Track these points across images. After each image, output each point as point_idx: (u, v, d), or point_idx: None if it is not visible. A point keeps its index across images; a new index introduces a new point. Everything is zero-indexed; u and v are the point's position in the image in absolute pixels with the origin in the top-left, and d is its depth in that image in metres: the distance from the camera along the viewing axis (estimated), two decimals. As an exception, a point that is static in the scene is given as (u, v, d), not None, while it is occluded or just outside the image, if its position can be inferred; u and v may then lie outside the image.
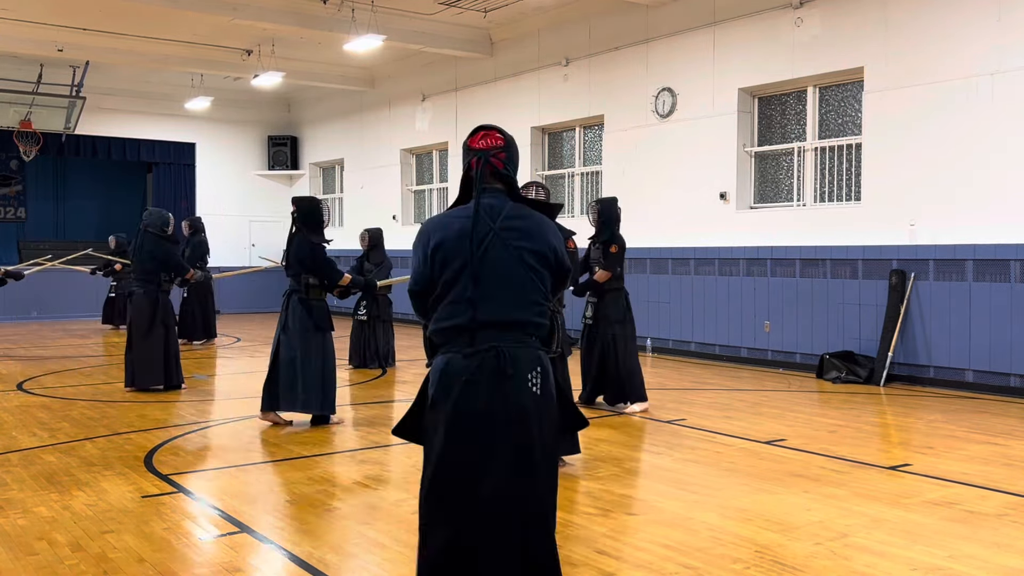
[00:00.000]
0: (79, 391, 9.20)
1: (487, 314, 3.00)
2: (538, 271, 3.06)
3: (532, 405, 3.01)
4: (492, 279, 3.01)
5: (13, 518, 4.79)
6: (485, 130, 3.16)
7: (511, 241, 3.03)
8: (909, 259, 9.65)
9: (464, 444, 2.98)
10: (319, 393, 7.25)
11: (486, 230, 3.02)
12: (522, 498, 2.98)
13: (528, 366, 3.02)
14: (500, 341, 3.00)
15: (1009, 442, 6.72)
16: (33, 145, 17.32)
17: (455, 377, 2.99)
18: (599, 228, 8.12)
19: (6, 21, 13.87)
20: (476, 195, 3.06)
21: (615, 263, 7.96)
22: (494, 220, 3.04)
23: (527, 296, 3.04)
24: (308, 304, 7.29)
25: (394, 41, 13.96)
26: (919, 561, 4.10)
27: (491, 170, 3.12)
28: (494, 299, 3.01)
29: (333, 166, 20.59)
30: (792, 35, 10.77)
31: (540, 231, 3.09)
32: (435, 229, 3.09)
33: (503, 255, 3.02)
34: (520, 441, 2.98)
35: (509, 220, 3.05)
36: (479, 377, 2.97)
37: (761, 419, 7.65)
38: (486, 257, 3.01)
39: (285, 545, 4.37)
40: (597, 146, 13.79)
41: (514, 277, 3.03)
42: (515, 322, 3.03)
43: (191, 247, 13.74)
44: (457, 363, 3.00)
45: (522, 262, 3.03)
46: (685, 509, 4.95)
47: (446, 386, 3.01)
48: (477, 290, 3.00)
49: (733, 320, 11.48)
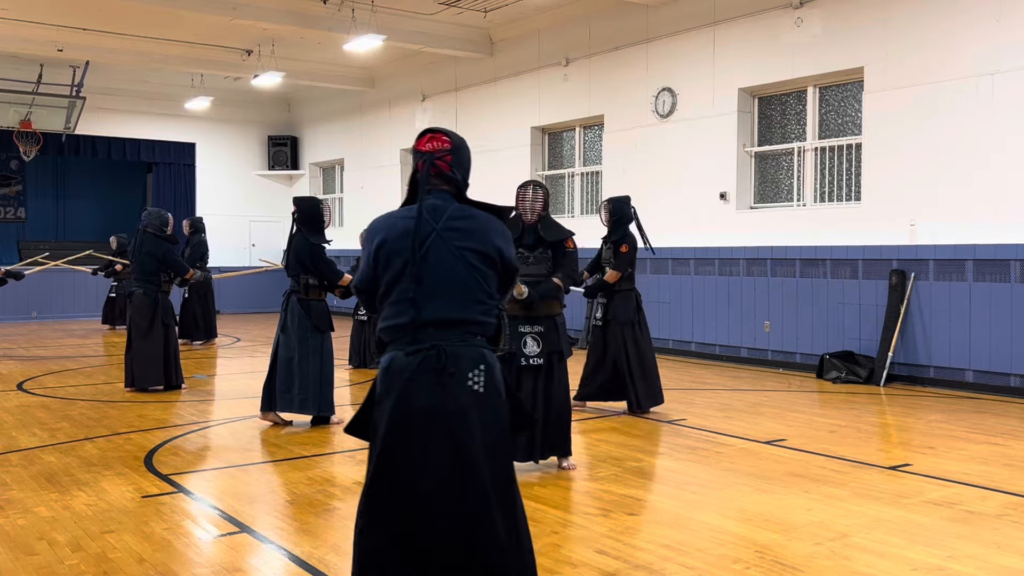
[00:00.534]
0: (79, 391, 9.20)
1: (429, 313, 3.04)
2: (482, 271, 3.10)
3: (472, 403, 3.02)
4: (433, 279, 3.05)
5: (13, 518, 4.79)
6: (432, 133, 3.21)
7: (453, 241, 3.07)
8: (909, 259, 9.65)
9: (403, 442, 3.00)
10: (316, 393, 7.24)
11: (428, 230, 3.07)
12: (459, 497, 2.96)
13: (470, 364, 3.04)
14: (442, 339, 3.03)
15: (1009, 442, 6.72)
16: (33, 145, 17.31)
17: (397, 375, 3.03)
18: (611, 227, 7.99)
19: (6, 21, 13.87)
20: (420, 196, 3.11)
21: (626, 263, 7.82)
22: (437, 221, 3.09)
23: (470, 295, 3.08)
24: (307, 304, 7.29)
25: (394, 41, 13.97)
26: (919, 561, 4.10)
27: (436, 172, 3.16)
28: (436, 298, 3.05)
29: (333, 166, 20.59)
30: (792, 35, 10.77)
31: (484, 231, 3.12)
32: (379, 229, 3.14)
33: (445, 255, 3.06)
34: (458, 440, 2.98)
35: (452, 221, 3.09)
36: (420, 375, 3.00)
37: (761, 419, 7.65)
38: (428, 257, 3.05)
39: (285, 545, 4.37)
40: (597, 146, 13.79)
41: (456, 277, 3.07)
42: (458, 321, 3.06)
43: (191, 247, 13.75)
44: (400, 361, 3.03)
45: (465, 262, 3.07)
46: (685, 509, 4.95)
47: (389, 384, 3.05)
48: (419, 290, 3.04)
49: (733, 320, 11.48)
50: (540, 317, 5.79)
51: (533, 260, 5.86)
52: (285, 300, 7.42)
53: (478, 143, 15.52)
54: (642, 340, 7.90)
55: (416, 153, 3.20)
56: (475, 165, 13.18)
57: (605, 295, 7.94)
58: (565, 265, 5.87)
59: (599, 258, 8.14)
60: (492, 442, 3.06)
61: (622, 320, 7.82)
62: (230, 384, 10.17)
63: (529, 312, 5.76)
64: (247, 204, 20.92)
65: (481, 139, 15.50)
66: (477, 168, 15.36)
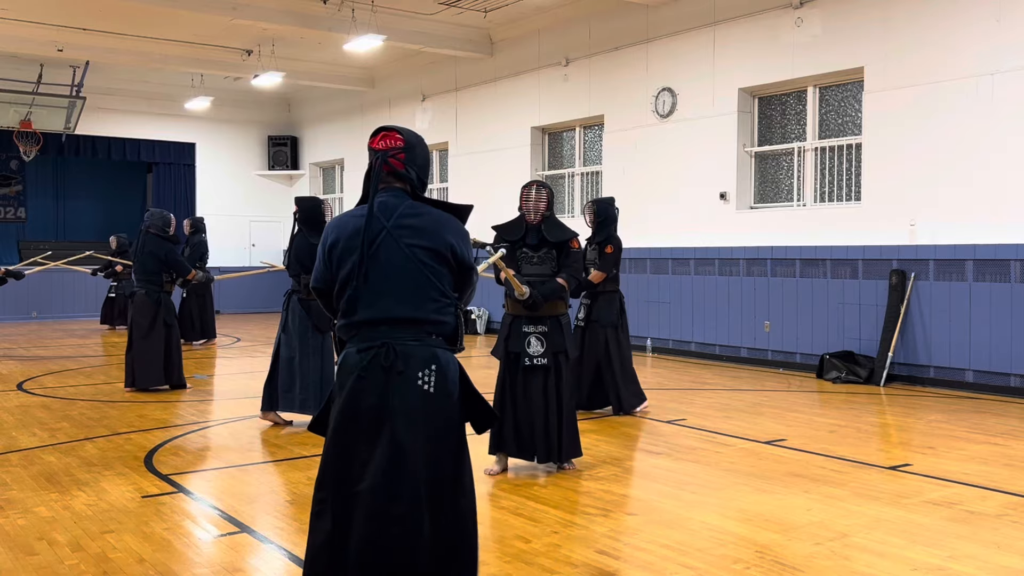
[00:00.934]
0: (79, 391, 9.20)
1: (378, 311, 3.05)
2: (434, 268, 3.08)
3: (420, 403, 3.01)
4: (383, 277, 3.05)
5: (13, 518, 4.79)
6: (385, 131, 3.19)
7: (404, 239, 3.06)
8: (909, 259, 9.65)
9: (349, 438, 3.02)
10: (317, 393, 7.24)
11: (379, 229, 3.06)
12: (396, 496, 2.96)
13: (421, 364, 3.03)
14: (392, 338, 3.03)
15: (1009, 442, 6.72)
16: (33, 145, 17.32)
17: (348, 372, 3.05)
18: (595, 228, 7.97)
19: (6, 21, 13.87)
20: (371, 195, 3.10)
21: (610, 264, 7.78)
22: (388, 219, 3.07)
23: (422, 293, 3.06)
24: (308, 304, 7.29)
25: (394, 41, 13.97)
26: (919, 561, 4.10)
27: (389, 170, 3.15)
28: (386, 296, 3.04)
29: (333, 166, 20.59)
30: (792, 35, 10.77)
31: (435, 229, 3.10)
32: (332, 229, 3.14)
33: (395, 253, 3.05)
34: (399, 439, 2.98)
35: (403, 218, 3.08)
36: (369, 372, 3.01)
37: (761, 419, 7.65)
38: (378, 255, 3.05)
39: (285, 545, 4.37)
40: (597, 146, 13.79)
41: (407, 275, 3.05)
42: (410, 319, 3.06)
43: (191, 247, 13.76)
44: (351, 358, 3.06)
45: (416, 260, 3.05)
46: (685, 509, 4.95)
47: (341, 381, 3.08)
48: (368, 288, 3.04)
49: (733, 320, 11.48)
50: (544, 317, 5.74)
51: (537, 260, 5.82)
52: (286, 300, 7.42)
53: (478, 143, 15.55)
54: (623, 342, 7.85)
55: (370, 151, 3.20)
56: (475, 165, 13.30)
57: (588, 296, 7.90)
58: (569, 265, 5.84)
59: (583, 259, 8.12)
60: (436, 443, 3.04)
61: (605, 322, 7.77)
62: (230, 384, 10.17)
63: (533, 312, 5.73)
64: (247, 204, 20.92)
65: (481, 139, 15.51)
66: (477, 168, 15.44)
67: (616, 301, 7.89)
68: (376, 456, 2.98)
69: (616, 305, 7.87)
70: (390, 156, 3.15)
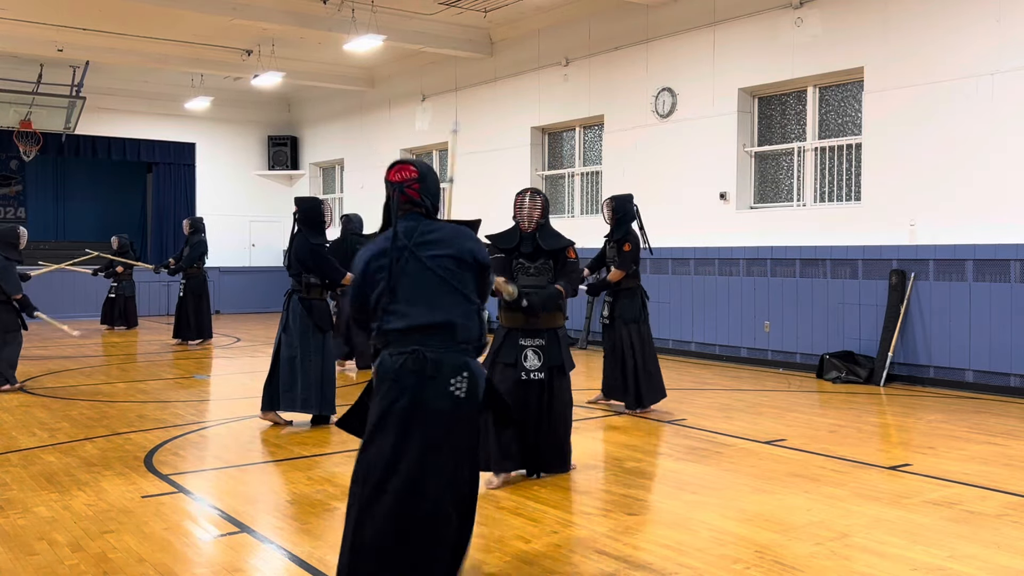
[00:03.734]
0: (79, 391, 9.20)
1: (410, 320, 3.35)
2: (458, 274, 3.43)
3: (451, 408, 3.31)
4: (412, 289, 3.38)
5: (13, 518, 4.79)
6: (400, 164, 3.56)
7: (428, 252, 3.42)
8: (909, 259, 9.65)
9: (383, 440, 3.28)
10: (318, 393, 7.25)
11: (403, 247, 3.41)
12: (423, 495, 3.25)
13: (453, 370, 3.33)
14: (423, 344, 3.32)
15: (1009, 442, 6.72)
16: (33, 145, 17.31)
17: (383, 376, 3.35)
18: (614, 225, 7.96)
19: (6, 21, 13.87)
20: (394, 221, 3.46)
21: (629, 261, 7.79)
22: (410, 239, 3.44)
23: (449, 299, 3.40)
24: (309, 304, 7.30)
25: (394, 41, 13.97)
26: (919, 561, 4.10)
27: (405, 199, 3.51)
28: (415, 306, 3.36)
29: (333, 166, 20.59)
30: (792, 35, 10.77)
31: (453, 238, 3.48)
32: (364, 256, 3.49)
33: (419, 267, 3.39)
34: (432, 442, 3.27)
35: (424, 236, 3.45)
36: (401, 377, 3.30)
37: (761, 419, 7.65)
38: (405, 271, 3.39)
39: (285, 545, 4.37)
40: (597, 146, 13.79)
41: (433, 285, 3.39)
42: (438, 324, 3.36)
43: (190, 247, 13.77)
44: (385, 363, 3.35)
45: (441, 269, 3.40)
46: (685, 509, 4.95)
47: (377, 385, 3.37)
48: (397, 301, 3.37)
49: (733, 320, 11.47)
50: (541, 330, 5.54)
51: (534, 271, 5.64)
52: (287, 300, 7.43)
53: (478, 143, 15.54)
54: (646, 337, 7.90)
55: (387, 184, 3.54)
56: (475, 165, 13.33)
57: (610, 293, 7.93)
58: (567, 274, 5.66)
59: (602, 256, 8.12)
60: (461, 446, 3.36)
61: (627, 318, 7.82)
62: (230, 384, 10.17)
63: (530, 324, 5.51)
64: (247, 204, 20.92)
65: (481, 139, 15.51)
66: (477, 168, 15.43)
67: (638, 297, 7.91)
68: (407, 456, 3.25)
69: (638, 301, 7.90)
70: (406, 187, 3.51)
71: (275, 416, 7.36)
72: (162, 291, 18.55)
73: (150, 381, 9.94)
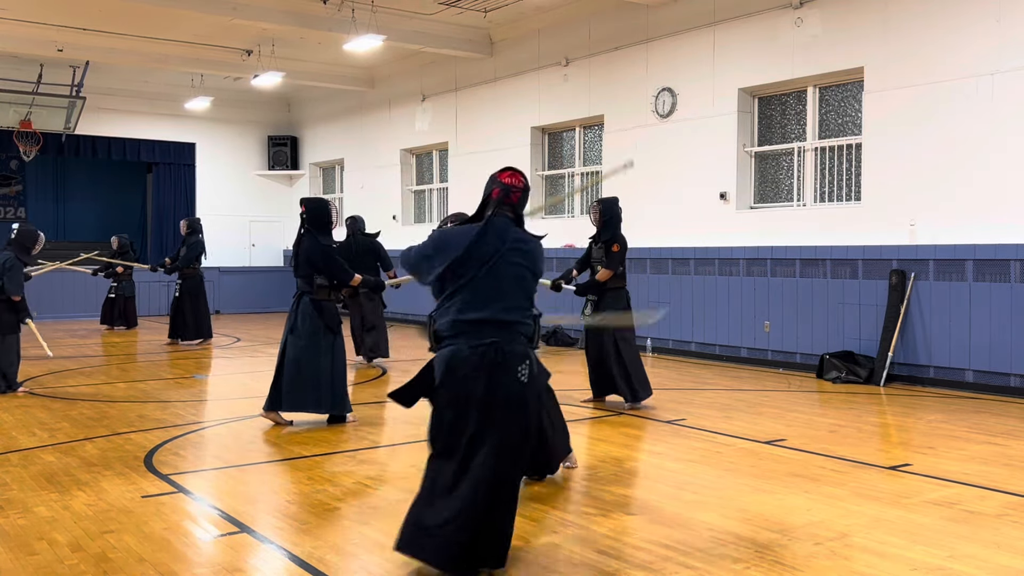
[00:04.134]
0: (79, 391, 9.20)
1: (488, 314, 3.80)
2: (529, 283, 3.97)
3: (520, 391, 3.85)
4: (494, 286, 3.83)
5: (13, 518, 4.79)
6: (513, 170, 4.08)
7: (514, 258, 3.90)
8: (909, 259, 9.65)
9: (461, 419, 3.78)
10: (330, 393, 7.25)
11: (496, 247, 3.87)
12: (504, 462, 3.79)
13: (519, 359, 3.85)
14: (498, 337, 3.80)
15: (1009, 442, 6.72)
16: (33, 145, 17.31)
17: (460, 365, 3.78)
18: (601, 227, 8.12)
19: (6, 21, 13.87)
20: (489, 216, 3.93)
21: (617, 262, 7.99)
22: (503, 241, 3.89)
23: (521, 303, 3.92)
24: (319, 305, 7.30)
25: (394, 41, 13.97)
26: (919, 561, 4.10)
27: (507, 201, 4.00)
28: (494, 303, 3.82)
29: (333, 166, 20.59)
30: (792, 35, 10.77)
31: (537, 256, 4.02)
32: (454, 239, 3.88)
33: (506, 269, 3.87)
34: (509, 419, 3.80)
35: (516, 243, 3.93)
36: (481, 367, 3.76)
37: (761, 419, 7.65)
38: (493, 269, 3.84)
39: (285, 545, 4.37)
40: (597, 146, 13.79)
41: (511, 287, 3.88)
42: (511, 322, 3.86)
43: (187, 247, 13.77)
44: (463, 352, 3.78)
45: (520, 277, 3.91)
46: (685, 509, 4.95)
47: (451, 372, 3.80)
48: (481, 295, 3.81)
49: (733, 320, 11.47)
50: None
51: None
52: (295, 301, 7.42)
53: (478, 143, 15.55)
54: (629, 337, 8.09)
55: (497, 182, 4.02)
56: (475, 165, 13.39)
57: (595, 292, 8.07)
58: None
59: (588, 256, 8.23)
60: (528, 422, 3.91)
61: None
62: (230, 384, 10.17)
63: None
64: (247, 204, 20.92)
65: (481, 139, 15.51)
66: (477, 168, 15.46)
67: (623, 297, 8.13)
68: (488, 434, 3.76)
69: (623, 301, 8.11)
70: (512, 191, 4.02)
71: (276, 416, 7.36)
72: (162, 291, 18.52)
73: (150, 381, 9.94)
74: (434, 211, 17.34)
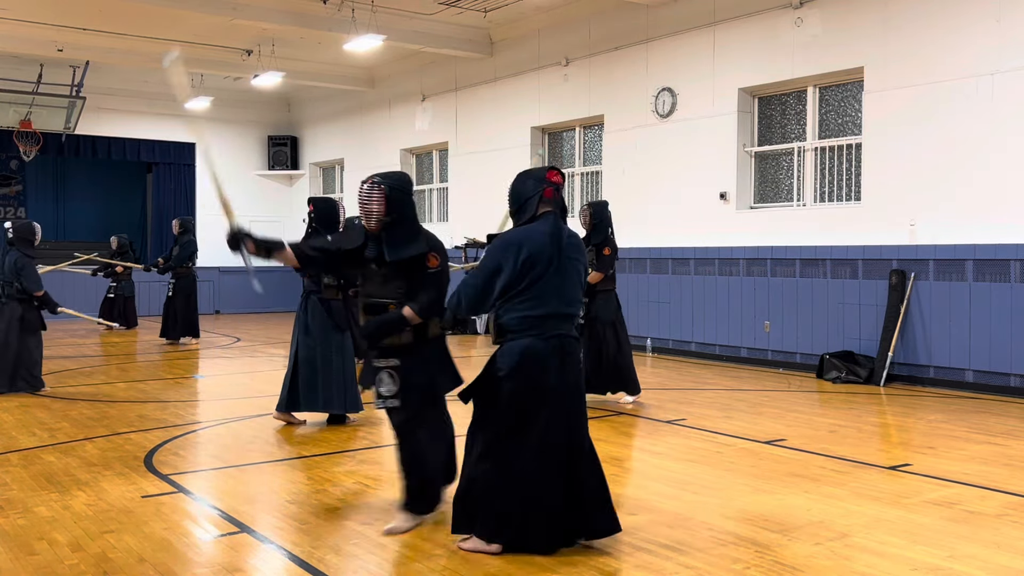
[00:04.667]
0: (79, 391, 9.20)
1: (551, 308, 4.12)
2: (583, 277, 4.33)
3: (580, 377, 4.27)
4: (560, 283, 4.14)
5: (13, 518, 4.79)
6: (556, 170, 4.36)
7: (571, 254, 4.22)
8: (909, 259, 9.65)
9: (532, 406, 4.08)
10: (341, 391, 7.25)
11: (559, 246, 4.16)
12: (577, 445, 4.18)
13: (578, 347, 4.29)
14: (562, 329, 4.16)
15: (1009, 442, 6.72)
16: (33, 145, 17.31)
17: (533, 357, 4.08)
18: (591, 231, 8.19)
19: (6, 21, 13.87)
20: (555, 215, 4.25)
21: (607, 265, 8.09)
22: (561, 240, 4.18)
23: (577, 295, 4.26)
24: (328, 304, 7.31)
25: (394, 41, 13.97)
26: (919, 561, 4.10)
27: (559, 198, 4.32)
28: (556, 298, 4.13)
29: (333, 166, 20.59)
30: (792, 35, 10.77)
31: (582, 248, 4.35)
32: (524, 240, 4.12)
33: (568, 266, 4.19)
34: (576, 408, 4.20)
35: (570, 240, 4.25)
36: (552, 358, 4.11)
37: (761, 419, 7.65)
38: (559, 266, 4.14)
39: (285, 545, 4.37)
40: (597, 146, 13.79)
41: (571, 282, 4.21)
42: (570, 314, 4.22)
43: (179, 247, 13.76)
44: (536, 346, 4.09)
45: (575, 271, 4.23)
46: (685, 509, 4.95)
47: (528, 364, 4.08)
48: (548, 291, 4.10)
49: (733, 320, 11.47)
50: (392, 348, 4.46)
51: (380, 279, 4.52)
52: (303, 300, 7.42)
53: (478, 143, 15.54)
54: (623, 337, 8.25)
55: (547, 181, 4.28)
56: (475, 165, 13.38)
57: (586, 295, 8.08)
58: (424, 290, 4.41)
59: None
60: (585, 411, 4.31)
61: (604, 319, 8.14)
62: (229, 384, 10.16)
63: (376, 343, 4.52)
64: (247, 204, 20.81)
65: (481, 139, 15.51)
66: (477, 168, 15.46)
67: (613, 300, 8.27)
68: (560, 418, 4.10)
69: (613, 303, 8.26)
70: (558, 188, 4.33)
71: (289, 416, 7.35)
72: (161, 291, 18.44)
73: (150, 381, 9.94)
74: (434, 211, 17.34)
